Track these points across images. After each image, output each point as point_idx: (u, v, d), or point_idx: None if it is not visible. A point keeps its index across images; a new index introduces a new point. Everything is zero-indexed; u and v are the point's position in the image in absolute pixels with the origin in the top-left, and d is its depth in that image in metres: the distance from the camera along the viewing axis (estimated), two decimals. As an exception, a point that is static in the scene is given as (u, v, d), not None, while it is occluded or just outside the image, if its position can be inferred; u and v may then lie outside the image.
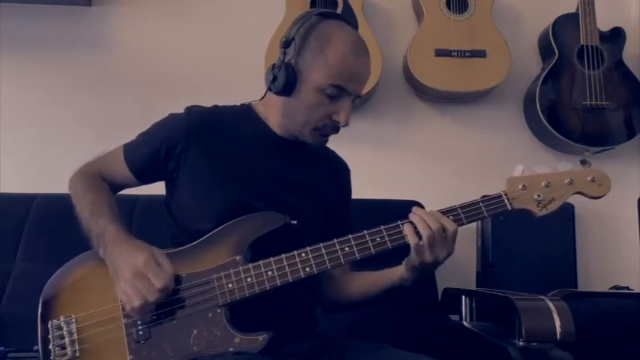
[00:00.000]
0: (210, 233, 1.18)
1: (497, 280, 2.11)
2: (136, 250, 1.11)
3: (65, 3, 2.26)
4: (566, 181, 1.21)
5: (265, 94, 1.27)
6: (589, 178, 1.21)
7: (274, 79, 1.21)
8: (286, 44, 1.21)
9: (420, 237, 1.13)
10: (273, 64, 1.23)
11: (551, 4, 2.40)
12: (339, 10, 2.17)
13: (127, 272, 1.08)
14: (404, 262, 1.21)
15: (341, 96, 1.20)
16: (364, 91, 2.08)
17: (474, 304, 1.80)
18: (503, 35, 2.25)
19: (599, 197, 1.22)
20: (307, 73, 1.19)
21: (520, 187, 1.20)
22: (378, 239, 1.15)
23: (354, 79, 1.20)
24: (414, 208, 1.17)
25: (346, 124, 1.22)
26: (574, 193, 1.22)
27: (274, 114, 1.28)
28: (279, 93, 1.22)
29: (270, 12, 2.22)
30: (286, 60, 1.21)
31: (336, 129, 1.24)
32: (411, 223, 1.15)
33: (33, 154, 2.21)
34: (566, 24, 2.31)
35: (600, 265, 2.32)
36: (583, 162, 1.23)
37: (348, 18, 1.86)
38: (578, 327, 1.32)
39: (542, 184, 1.20)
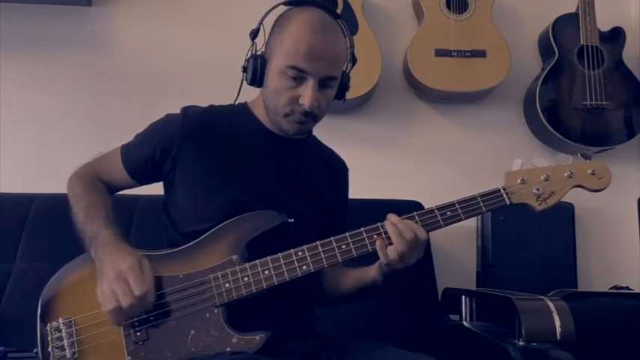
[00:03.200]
0: (207, 233, 1.18)
1: (497, 280, 2.11)
2: (125, 254, 1.11)
3: (65, 3, 2.26)
4: (565, 174, 1.19)
5: (240, 88, 1.29)
6: (589, 171, 1.20)
7: (244, 69, 1.25)
8: (253, 35, 1.24)
9: (391, 251, 1.12)
10: (247, 58, 1.26)
11: (551, 4, 2.40)
12: (338, 10, 2.17)
13: (110, 273, 1.08)
14: (376, 267, 1.20)
15: (303, 78, 1.18)
16: (364, 91, 2.11)
17: (474, 304, 1.80)
18: (503, 35, 2.25)
19: (600, 190, 1.20)
20: (271, 59, 1.22)
21: (519, 181, 1.19)
22: (374, 236, 1.15)
23: (312, 59, 1.16)
24: (389, 216, 1.15)
25: (311, 107, 1.18)
26: (574, 187, 1.20)
27: (262, 109, 1.29)
28: (251, 84, 1.25)
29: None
30: (258, 51, 1.24)
31: (306, 114, 1.21)
32: (384, 233, 1.14)
33: (33, 154, 2.21)
34: (566, 24, 2.31)
35: (600, 265, 2.32)
36: (584, 155, 1.22)
37: (348, 18, 1.85)
38: (578, 327, 1.32)
39: (542, 177, 1.19)
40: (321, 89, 1.20)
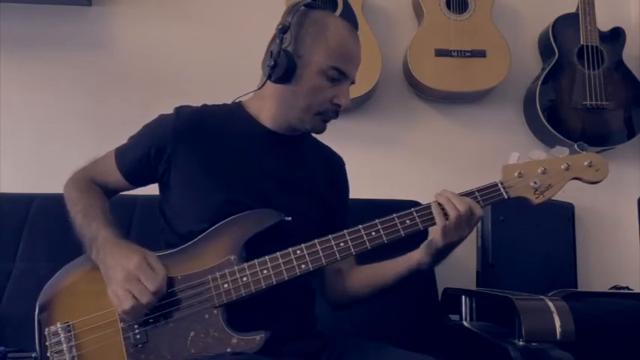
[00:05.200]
0: (203, 233, 1.18)
1: (497, 280, 2.10)
2: (128, 252, 1.11)
3: (65, 3, 2.26)
4: (562, 167, 1.19)
5: (265, 84, 1.25)
6: (586, 163, 1.19)
7: (275, 65, 1.21)
8: (284, 30, 1.21)
9: (447, 217, 1.14)
10: (271, 52, 1.23)
11: (551, 4, 2.40)
12: (339, 10, 2.17)
13: (119, 274, 1.08)
14: (423, 246, 1.21)
15: (340, 79, 1.23)
16: (364, 91, 2.12)
17: (473, 304, 1.79)
18: (503, 35, 2.25)
19: (597, 182, 1.20)
20: (308, 58, 1.21)
21: (516, 174, 1.19)
22: (373, 234, 1.15)
23: (351, 63, 1.24)
24: (443, 190, 1.17)
25: (347, 107, 1.24)
26: (571, 179, 1.20)
27: (268, 106, 1.28)
28: (279, 80, 1.22)
29: (269, 13, 2.22)
30: (283, 47, 1.21)
31: (336, 113, 1.26)
32: (438, 204, 1.15)
33: (33, 154, 2.20)
34: (566, 24, 2.31)
35: (600, 265, 2.32)
36: (581, 146, 1.21)
37: (348, 18, 1.86)
38: (578, 327, 1.32)
39: (539, 170, 1.19)
40: None
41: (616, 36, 2.32)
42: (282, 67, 1.20)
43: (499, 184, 1.19)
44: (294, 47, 1.22)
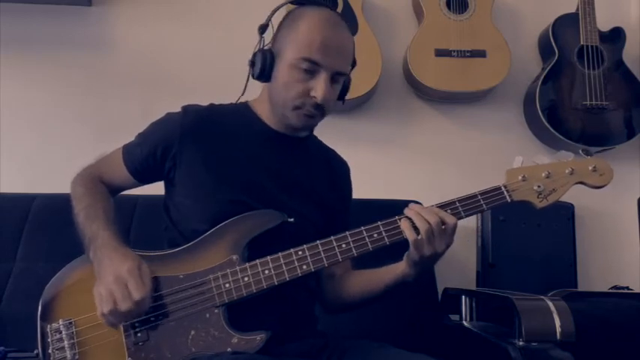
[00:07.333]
0: (206, 233, 1.18)
1: (498, 280, 2.11)
2: (124, 257, 1.11)
3: (65, 3, 2.26)
4: (567, 171, 1.19)
5: (246, 84, 1.28)
6: (590, 168, 1.20)
7: (252, 64, 1.24)
8: (262, 30, 1.24)
9: (417, 232, 1.12)
10: (254, 52, 1.25)
11: (551, 4, 2.40)
12: (338, 10, 2.17)
13: (110, 276, 1.08)
14: (404, 258, 1.20)
15: (316, 71, 1.19)
16: (364, 91, 2.11)
17: (473, 304, 1.79)
18: (503, 35, 2.25)
19: (601, 187, 1.20)
20: (282, 53, 1.21)
21: (520, 178, 1.19)
22: (375, 235, 1.15)
23: (326, 52, 1.18)
24: (410, 204, 1.16)
25: (323, 100, 1.19)
26: (575, 183, 1.20)
27: (266, 106, 1.29)
28: (258, 78, 1.24)
29: (269, 12, 2.22)
30: (265, 46, 1.23)
31: (316, 106, 1.21)
32: (408, 218, 1.14)
33: (33, 154, 2.20)
34: (566, 24, 2.31)
35: (600, 265, 2.32)
36: (585, 151, 1.22)
37: (348, 18, 1.86)
38: (578, 327, 1.32)
39: (543, 174, 1.19)
40: (332, 84, 1.21)
41: (616, 36, 2.32)
42: (258, 65, 1.23)
43: (502, 188, 1.19)
44: (272, 44, 1.24)
